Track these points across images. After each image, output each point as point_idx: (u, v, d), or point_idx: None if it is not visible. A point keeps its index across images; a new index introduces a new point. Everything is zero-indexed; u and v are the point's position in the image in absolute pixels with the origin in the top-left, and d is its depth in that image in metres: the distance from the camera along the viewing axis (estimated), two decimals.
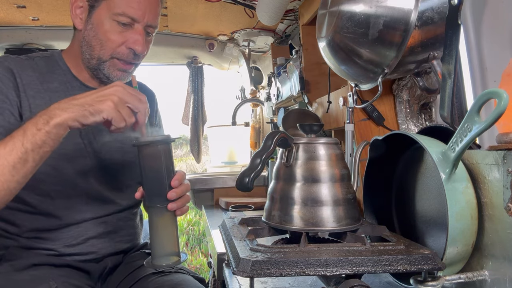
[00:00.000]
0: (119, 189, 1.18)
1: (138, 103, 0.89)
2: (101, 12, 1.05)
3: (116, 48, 1.07)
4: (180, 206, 0.92)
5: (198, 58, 2.75)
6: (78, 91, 1.10)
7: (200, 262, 4.15)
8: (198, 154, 2.93)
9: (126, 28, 1.06)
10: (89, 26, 1.07)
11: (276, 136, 0.83)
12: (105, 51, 1.07)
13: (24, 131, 0.86)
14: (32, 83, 1.06)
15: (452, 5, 0.81)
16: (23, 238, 1.07)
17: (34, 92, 1.05)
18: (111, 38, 1.05)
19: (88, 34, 1.07)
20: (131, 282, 1.13)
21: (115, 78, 1.10)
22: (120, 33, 1.06)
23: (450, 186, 0.70)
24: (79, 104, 0.86)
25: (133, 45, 1.06)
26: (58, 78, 1.11)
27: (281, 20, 2.04)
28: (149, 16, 1.07)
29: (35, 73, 1.08)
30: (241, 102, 2.61)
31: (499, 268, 0.68)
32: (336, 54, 1.03)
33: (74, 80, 1.12)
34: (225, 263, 1.09)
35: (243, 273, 0.66)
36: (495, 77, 0.94)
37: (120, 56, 1.08)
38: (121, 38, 1.06)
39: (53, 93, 1.08)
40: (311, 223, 0.81)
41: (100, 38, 1.06)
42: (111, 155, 1.15)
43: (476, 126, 0.65)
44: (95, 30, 1.06)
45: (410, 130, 1.18)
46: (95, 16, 1.06)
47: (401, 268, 0.68)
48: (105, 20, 1.04)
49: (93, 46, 1.07)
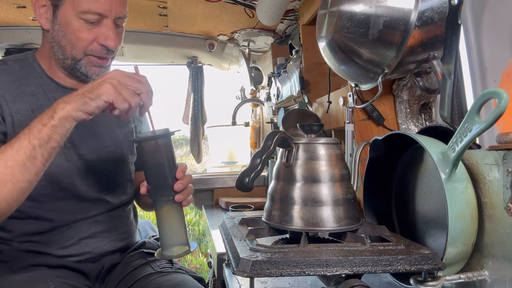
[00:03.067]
0: (109, 188, 1.17)
1: (138, 84, 0.89)
2: (66, 10, 1.01)
3: (88, 46, 1.04)
4: (186, 197, 0.94)
5: (198, 58, 2.75)
6: (56, 93, 1.08)
7: (200, 262, 4.15)
8: (199, 154, 2.93)
9: (95, 24, 1.03)
10: (57, 26, 1.04)
11: (276, 136, 0.83)
12: (77, 50, 1.04)
13: (30, 129, 0.86)
14: (8, 88, 1.04)
15: (452, 5, 0.81)
16: (15, 242, 1.06)
17: (12, 97, 1.03)
18: (81, 36, 1.03)
19: (57, 34, 1.05)
20: (130, 282, 1.13)
21: (94, 74, 1.08)
22: (90, 30, 1.03)
23: (450, 186, 0.70)
24: (79, 93, 0.87)
25: (105, 41, 1.04)
26: (34, 81, 1.08)
27: (281, 20, 2.04)
28: (116, 8, 1.04)
29: (10, 77, 1.05)
30: (241, 102, 2.61)
31: (499, 268, 0.68)
32: (336, 54, 1.03)
33: (50, 82, 1.10)
34: (225, 263, 1.09)
35: (243, 273, 0.66)
36: (495, 77, 0.94)
37: (94, 53, 1.06)
38: (91, 35, 1.03)
39: (31, 96, 1.06)
40: (311, 223, 0.81)
41: (70, 38, 1.03)
42: (96, 156, 1.14)
43: (476, 126, 0.65)
44: (64, 30, 1.03)
45: (410, 130, 1.18)
46: (60, 15, 1.02)
47: (401, 268, 0.68)
48: (72, 19, 1.01)
49: (64, 47, 1.05)
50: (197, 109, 2.87)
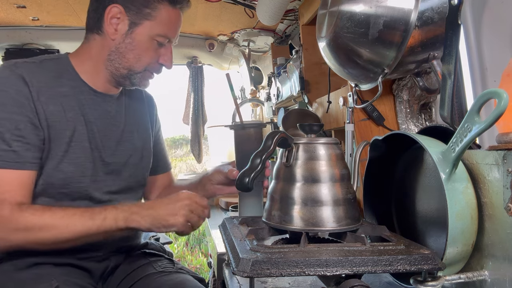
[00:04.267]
0: (122, 190, 1.19)
1: (205, 211, 1.04)
2: (144, 30, 1.10)
3: (150, 63, 1.14)
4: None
5: (198, 58, 2.75)
6: (87, 95, 1.13)
7: (200, 262, 4.16)
8: (199, 154, 2.93)
9: (161, 46, 1.14)
10: (128, 40, 1.11)
11: (276, 136, 0.83)
12: (141, 64, 1.13)
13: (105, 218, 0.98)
14: (43, 88, 1.05)
15: (452, 5, 0.81)
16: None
17: (45, 98, 1.04)
18: (148, 54, 1.13)
19: (125, 46, 1.11)
20: (132, 281, 1.13)
21: (142, 86, 1.19)
22: (156, 51, 1.13)
23: (450, 186, 0.70)
24: (154, 217, 0.99)
25: (165, 62, 1.16)
26: (68, 83, 1.11)
27: (281, 20, 2.04)
28: (178, 34, 1.18)
29: (44, 78, 1.07)
30: (241, 102, 2.61)
31: (499, 268, 0.68)
32: (336, 54, 1.03)
33: (82, 84, 1.13)
34: (225, 263, 1.09)
35: (243, 273, 0.66)
36: (495, 77, 0.94)
37: (152, 69, 1.16)
38: (156, 55, 1.14)
39: (63, 97, 1.08)
40: (311, 223, 0.81)
41: (138, 53, 1.12)
42: (117, 160, 1.17)
43: (476, 126, 0.65)
44: (134, 45, 1.11)
45: (410, 130, 1.18)
46: (137, 32, 1.10)
47: (401, 268, 0.68)
48: (146, 39, 1.11)
49: (127, 58, 1.12)
50: (197, 109, 2.87)
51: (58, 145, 1.05)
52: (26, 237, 0.96)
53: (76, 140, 1.08)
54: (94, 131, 1.12)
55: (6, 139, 0.98)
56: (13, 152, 0.99)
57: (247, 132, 1.21)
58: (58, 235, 0.96)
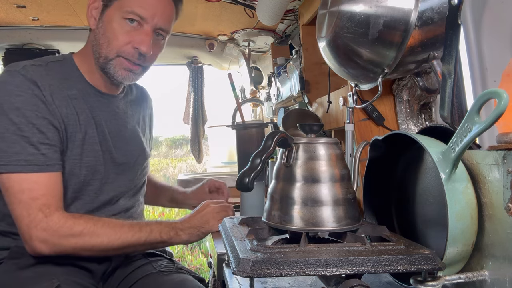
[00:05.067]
0: (127, 191, 1.19)
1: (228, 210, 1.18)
2: (113, 11, 1.06)
3: (122, 47, 1.07)
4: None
5: (198, 58, 2.75)
6: (94, 97, 1.12)
7: (200, 262, 4.16)
8: (199, 154, 2.93)
9: (135, 28, 1.07)
10: (100, 25, 1.08)
11: (276, 136, 0.83)
12: (111, 49, 1.07)
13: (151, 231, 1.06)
14: (54, 91, 1.04)
15: (452, 5, 0.81)
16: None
17: (59, 101, 1.04)
18: (118, 36, 1.07)
19: (98, 32, 1.08)
20: (132, 281, 1.13)
21: (120, 77, 1.11)
22: (128, 32, 1.07)
23: (450, 186, 0.70)
24: (193, 227, 1.12)
25: (139, 44, 1.07)
26: (75, 85, 1.10)
27: (281, 20, 2.04)
28: (159, 19, 1.09)
29: (54, 81, 1.06)
30: (241, 102, 2.61)
31: (499, 268, 0.68)
32: (336, 54, 1.03)
33: (88, 86, 1.12)
34: (225, 263, 1.09)
35: (243, 273, 0.66)
36: (495, 77, 0.94)
37: (126, 55, 1.09)
38: (128, 37, 1.07)
39: (74, 100, 1.07)
40: (311, 223, 0.81)
41: (108, 36, 1.07)
42: (127, 159, 1.18)
43: (476, 126, 0.65)
44: (105, 28, 1.07)
45: (410, 130, 1.18)
46: (106, 14, 1.07)
47: (401, 268, 0.68)
48: (115, 19, 1.06)
49: (101, 44, 1.08)
50: (197, 109, 2.87)
51: (71, 149, 1.05)
52: (77, 243, 1.00)
53: (87, 143, 1.08)
54: (105, 133, 1.12)
55: (33, 143, 0.98)
56: (42, 155, 0.99)
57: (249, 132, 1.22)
58: (110, 243, 1.01)
